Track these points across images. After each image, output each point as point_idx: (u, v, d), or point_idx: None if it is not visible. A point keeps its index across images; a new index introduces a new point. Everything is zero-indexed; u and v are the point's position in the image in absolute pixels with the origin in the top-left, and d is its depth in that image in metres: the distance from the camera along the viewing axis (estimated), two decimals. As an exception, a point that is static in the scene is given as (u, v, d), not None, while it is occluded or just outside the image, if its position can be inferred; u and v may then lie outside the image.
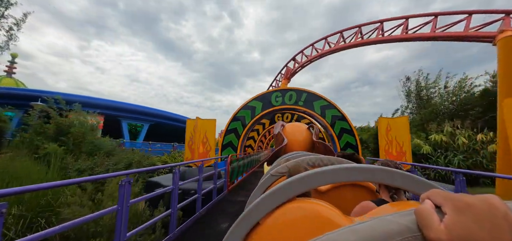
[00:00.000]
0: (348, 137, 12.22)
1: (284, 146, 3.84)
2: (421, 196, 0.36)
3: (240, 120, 13.05)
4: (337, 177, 0.74)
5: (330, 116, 12.49)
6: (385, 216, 0.35)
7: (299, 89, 12.88)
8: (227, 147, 12.82)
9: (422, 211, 0.31)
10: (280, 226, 0.71)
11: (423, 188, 0.68)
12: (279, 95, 13.04)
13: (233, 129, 13.00)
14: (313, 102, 12.50)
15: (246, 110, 13.15)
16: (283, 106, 12.92)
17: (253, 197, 1.18)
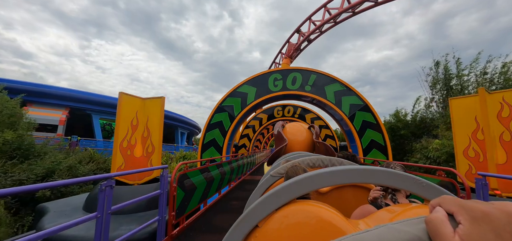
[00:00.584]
0: (373, 134, 8.93)
1: (284, 146, 3.59)
2: (431, 202, 0.33)
3: (227, 112, 9.74)
4: (339, 179, 0.71)
5: (347, 105, 9.20)
6: (393, 224, 0.33)
7: (305, 69, 9.61)
8: (209, 147, 9.55)
9: (434, 220, 0.29)
10: (280, 229, 0.69)
11: (430, 192, 0.65)
12: (278, 77, 9.73)
13: (218, 123, 9.70)
14: (325, 86, 9.37)
15: (234, 97, 9.84)
16: (284, 91, 9.60)
17: (253, 198, 1.17)
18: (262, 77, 9.89)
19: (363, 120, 9.11)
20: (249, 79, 9.93)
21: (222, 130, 9.69)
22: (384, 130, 8.99)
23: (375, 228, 0.34)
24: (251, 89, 9.83)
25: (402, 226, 0.32)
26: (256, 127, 17.21)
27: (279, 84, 9.71)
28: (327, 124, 15.68)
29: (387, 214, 0.72)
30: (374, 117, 9.08)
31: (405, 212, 0.65)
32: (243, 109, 9.72)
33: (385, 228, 0.33)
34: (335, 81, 9.46)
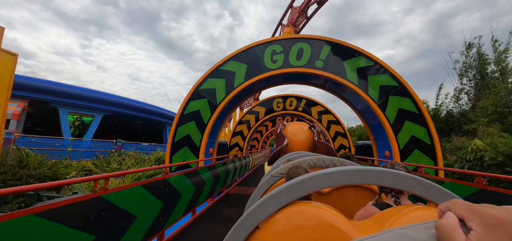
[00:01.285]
0: (414, 128, 6.19)
1: (285, 146, 3.54)
2: (440, 206, 0.31)
3: (206, 98, 6.98)
4: (342, 180, 0.70)
5: (376, 86, 6.45)
6: (400, 229, 0.32)
7: (316, 38, 6.95)
8: (182, 147, 6.93)
9: (445, 226, 0.28)
10: (281, 231, 0.67)
11: (433, 194, 0.64)
12: (278, 49, 6.97)
13: (193, 114, 6.98)
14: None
15: (216, 78, 7.07)
16: (285, 69, 6.84)
17: (253, 199, 1.14)
18: (255, 50, 7.12)
19: (400, 108, 6.35)
20: (237, 53, 7.16)
21: (200, 124, 6.94)
22: (431, 123, 6.23)
23: (382, 233, 0.33)
24: (239, 67, 7.07)
25: (411, 231, 0.31)
26: (252, 123, 14.39)
27: (278, 59, 6.94)
28: (337, 119, 12.88)
29: (391, 216, 0.68)
30: (415, 104, 6.31)
31: (410, 214, 0.62)
32: (229, 94, 6.96)
33: (392, 233, 0.32)
34: (359, 54, 6.68)
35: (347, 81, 6.57)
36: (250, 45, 7.17)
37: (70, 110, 16.08)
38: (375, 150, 7.42)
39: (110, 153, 11.70)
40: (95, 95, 16.89)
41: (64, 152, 11.10)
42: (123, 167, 9.66)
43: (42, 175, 7.48)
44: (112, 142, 13.58)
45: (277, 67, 6.90)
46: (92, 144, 14.98)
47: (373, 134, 7.40)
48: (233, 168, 7.64)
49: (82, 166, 9.20)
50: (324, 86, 7.74)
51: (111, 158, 10.60)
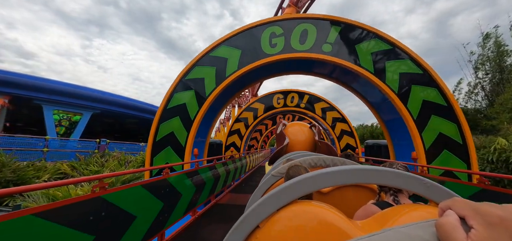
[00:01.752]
0: (442, 124, 5.07)
1: (286, 146, 3.55)
2: (441, 205, 0.31)
3: (193, 89, 5.90)
4: (342, 179, 0.70)
5: (395, 74, 5.34)
6: (401, 228, 0.32)
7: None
8: (165, 147, 5.83)
9: (445, 224, 0.27)
10: (282, 230, 0.66)
11: (434, 193, 0.63)
12: (278, 31, 5.89)
13: (178, 108, 5.89)
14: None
15: (205, 66, 5.99)
16: (286, 54, 5.75)
17: (254, 198, 1.13)
18: (251, 33, 6.05)
19: (424, 100, 5.27)
20: (229, 36, 6.09)
21: (186, 120, 5.88)
22: (462, 118, 5.14)
23: (382, 232, 0.33)
24: (233, 52, 6.00)
25: (411, 229, 0.31)
26: (250, 121, 13.30)
27: (278, 43, 5.86)
28: (343, 117, 11.77)
29: (392, 215, 0.67)
30: (443, 96, 5.24)
31: (411, 213, 0.62)
32: (220, 84, 5.89)
33: (393, 231, 0.32)
34: (375, 36, 5.60)
35: (360, 68, 5.49)
36: (245, 26, 6.10)
37: (56, 107, 15.03)
38: (392, 150, 6.34)
39: (92, 154, 10.65)
40: (83, 92, 15.84)
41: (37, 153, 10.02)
42: (104, 170, 8.59)
43: (3, 180, 6.43)
44: (95, 142, 12.51)
45: (276, 52, 5.83)
46: (79, 144, 13.95)
47: (389, 131, 6.33)
48: (225, 172, 6.56)
49: (57, 169, 8.15)
50: (331, 76, 6.67)
51: (93, 160, 9.53)
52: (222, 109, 7.34)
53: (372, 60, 5.51)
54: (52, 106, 14.77)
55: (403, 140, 5.76)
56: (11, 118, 14.54)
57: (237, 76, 5.88)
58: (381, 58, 5.50)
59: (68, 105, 15.36)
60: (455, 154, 5.10)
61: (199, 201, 4.84)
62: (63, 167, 8.21)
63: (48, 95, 14.42)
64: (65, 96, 15.07)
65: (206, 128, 6.91)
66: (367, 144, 8.75)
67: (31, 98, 13.93)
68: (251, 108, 13.35)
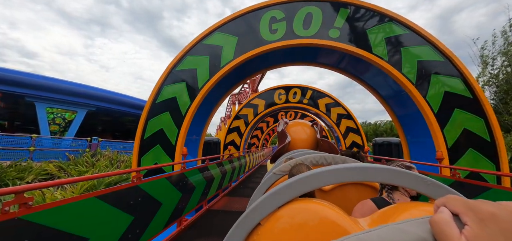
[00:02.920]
0: (467, 119, 4.38)
1: (287, 144, 3.53)
2: (436, 202, 0.31)
3: (185, 81, 5.27)
4: (342, 177, 0.69)
5: (413, 62, 4.66)
6: (395, 225, 0.33)
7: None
8: (153, 146, 5.22)
9: (439, 221, 0.28)
10: (283, 227, 0.67)
11: (435, 191, 0.62)
12: (280, 15, 5.23)
13: (168, 102, 5.27)
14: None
15: (198, 55, 5.36)
16: (289, 40, 5.09)
17: (255, 196, 1.13)
18: (249, 18, 5.40)
19: (446, 92, 4.61)
20: (225, 22, 5.45)
21: (176, 115, 5.27)
22: (491, 112, 4.48)
23: (378, 228, 0.34)
24: (228, 39, 5.36)
25: (406, 226, 0.32)
26: (250, 118, 12.66)
27: (279, 28, 5.22)
28: (349, 113, 11.07)
29: (391, 213, 0.67)
30: (468, 86, 4.57)
31: (410, 211, 0.62)
32: (214, 75, 5.27)
33: (388, 228, 0.33)
34: (390, 19, 4.94)
35: (373, 55, 4.83)
36: (242, 10, 5.46)
37: (49, 104, 14.50)
38: (406, 148, 5.69)
39: (83, 153, 10.08)
40: (77, 89, 15.27)
41: (23, 152, 9.48)
42: (94, 169, 8.04)
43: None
44: (86, 140, 11.96)
45: (277, 38, 5.18)
46: (73, 143, 13.43)
47: (403, 127, 5.67)
48: (221, 173, 5.94)
49: (43, 169, 7.59)
50: (339, 67, 6.02)
51: (83, 159, 8.97)
52: (218, 104, 6.72)
53: (386, 46, 4.85)
54: (45, 103, 14.25)
55: (421, 137, 5.11)
56: (8, 117, 14.01)
57: (234, 66, 5.25)
58: (396, 44, 4.84)
59: (62, 102, 14.83)
60: (482, 153, 4.44)
61: (187, 208, 4.23)
62: (49, 168, 7.65)
63: (41, 92, 13.87)
64: (59, 93, 14.54)
65: (200, 125, 6.31)
66: (376, 142, 8.10)
67: (22, 95, 13.40)
68: (251, 104, 12.71)
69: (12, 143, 9.39)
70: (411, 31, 4.85)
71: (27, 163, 7.88)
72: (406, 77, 4.69)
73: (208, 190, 5.16)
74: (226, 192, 6.98)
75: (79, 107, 15.61)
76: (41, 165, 7.84)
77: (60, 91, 14.51)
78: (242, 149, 12.34)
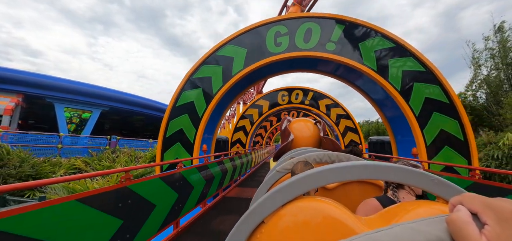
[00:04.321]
0: (444, 121, 5.21)
1: (290, 142, 3.46)
2: (451, 200, 0.30)
3: (201, 87, 6.13)
4: (348, 175, 0.69)
5: (398, 72, 5.46)
6: (410, 223, 0.31)
7: (327, 16, 5.93)
8: (174, 143, 6.12)
9: (457, 220, 0.27)
10: (287, 225, 0.66)
11: (442, 189, 0.61)
12: (283, 30, 6.05)
13: (187, 106, 6.15)
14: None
15: (212, 65, 6.21)
16: (291, 53, 5.92)
17: (259, 194, 1.13)
18: (257, 32, 6.22)
19: (427, 97, 5.38)
20: (235, 36, 6.27)
21: (194, 117, 6.13)
22: (464, 115, 5.24)
23: (391, 227, 0.32)
24: (238, 51, 6.19)
25: (421, 225, 0.30)
26: (255, 118, 13.51)
27: (283, 42, 6.02)
28: (348, 113, 11.87)
29: (397, 212, 0.66)
30: (445, 93, 5.33)
31: (417, 210, 0.62)
32: (227, 83, 6.10)
33: (402, 227, 0.32)
34: (378, 34, 5.71)
35: (363, 66, 5.62)
36: (250, 26, 6.27)
37: (67, 105, 15.53)
38: (395, 147, 6.47)
39: (104, 150, 11.06)
40: (93, 90, 16.29)
41: (52, 149, 10.48)
42: (116, 165, 8.99)
43: (23, 174, 6.83)
44: (106, 139, 12.95)
45: (281, 51, 5.99)
46: (90, 141, 14.43)
47: (392, 128, 6.45)
48: (232, 167, 6.81)
49: (72, 164, 8.54)
50: (335, 74, 6.80)
51: (104, 156, 9.93)
52: (229, 106, 7.57)
53: (375, 58, 5.63)
54: (63, 104, 15.27)
55: (406, 136, 5.89)
56: (23, 116, 15.08)
57: (243, 75, 6.08)
58: (384, 56, 5.61)
59: (79, 103, 15.85)
60: (456, 150, 5.21)
61: (209, 194, 5.10)
62: (77, 163, 8.61)
63: (60, 93, 14.89)
64: (76, 94, 15.55)
65: (213, 124, 7.16)
66: (371, 140, 8.87)
67: (43, 96, 14.43)
68: (256, 105, 13.55)
69: (40, 141, 10.38)
70: (397, 44, 5.62)
71: (57, 159, 8.84)
72: (391, 85, 5.47)
73: (223, 180, 6.04)
74: (237, 184, 7.86)
75: (94, 107, 16.63)
76: (69, 161, 8.80)
77: (77, 92, 15.52)
78: (248, 146, 13.22)
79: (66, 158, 9.40)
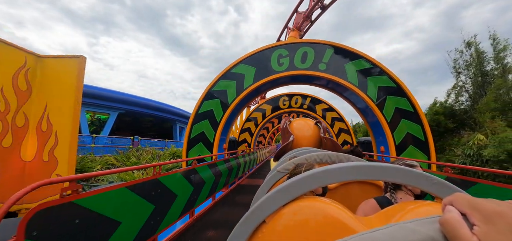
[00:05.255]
0: (409, 126, 6.81)
1: (291, 142, 3.52)
2: (444, 201, 0.32)
3: (218, 98, 7.71)
4: (348, 175, 0.71)
5: (375, 87, 7.06)
6: (405, 223, 0.32)
7: (319, 42, 7.55)
8: (197, 143, 7.72)
9: (449, 220, 0.28)
10: (287, 225, 0.67)
11: (440, 189, 0.64)
12: (284, 53, 7.62)
13: (207, 113, 7.73)
14: (345, 64, 7.64)
15: (228, 80, 7.78)
16: (291, 71, 7.50)
17: (260, 194, 1.14)
18: (263, 54, 7.76)
19: (396, 107, 6.90)
20: (246, 57, 7.82)
21: (213, 122, 7.67)
22: (425, 121, 6.76)
23: (387, 227, 0.33)
24: (249, 69, 7.73)
25: (415, 225, 0.31)
26: (259, 120, 15.10)
27: (284, 62, 7.56)
28: (341, 117, 13.44)
29: (396, 212, 0.67)
30: (411, 104, 6.85)
31: (416, 210, 0.62)
32: (239, 95, 7.64)
33: (397, 227, 0.33)
34: (359, 57, 7.23)
35: (348, 82, 7.15)
36: (258, 49, 7.82)
37: (88, 108, 17.12)
38: (374, 146, 8.00)
39: (129, 149, 12.62)
40: (111, 94, 17.89)
41: (86, 148, 12.07)
42: (142, 161, 10.53)
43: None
44: (130, 139, 14.52)
45: (283, 69, 7.54)
46: (109, 141, 16.00)
47: (372, 131, 7.97)
48: (244, 162, 8.37)
49: (105, 160, 10.11)
50: (327, 86, 8.33)
51: (130, 154, 11.50)
52: (239, 113, 9.12)
53: (357, 76, 7.16)
54: (85, 107, 16.86)
55: (382, 138, 7.42)
56: None
57: (253, 88, 7.63)
58: (364, 74, 7.14)
59: (98, 106, 17.44)
60: (419, 148, 6.73)
61: (230, 181, 6.66)
62: (110, 159, 10.16)
63: (83, 98, 16.45)
64: (96, 98, 17.13)
65: (227, 128, 8.70)
66: (359, 140, 10.39)
67: (68, 101, 16.02)
68: (260, 109, 15.14)
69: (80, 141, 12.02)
70: (374, 65, 7.14)
71: (92, 156, 10.42)
72: (369, 97, 6.99)
73: (238, 171, 7.60)
74: (247, 176, 9.43)
75: (111, 110, 18.23)
76: (102, 158, 10.37)
77: (97, 97, 17.11)
78: (253, 146, 14.79)
79: (98, 155, 10.96)
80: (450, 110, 14.81)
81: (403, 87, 6.95)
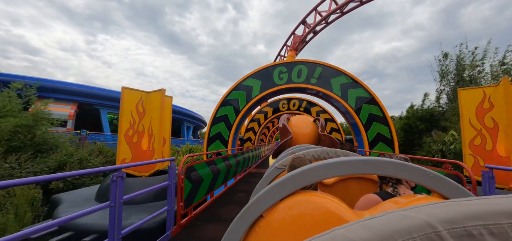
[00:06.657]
0: (379, 127, 8.84)
1: (290, 139, 3.57)
2: None
3: (232, 105, 9.77)
4: (345, 170, 0.71)
5: (353, 97, 9.09)
6: (399, 211, 0.32)
7: (311, 62, 9.51)
8: (215, 141, 9.66)
9: None
10: (284, 219, 0.68)
11: (437, 183, 0.65)
12: (284, 70, 9.65)
13: (223, 117, 9.76)
14: (331, 79, 9.30)
15: (239, 90, 9.84)
16: (289, 84, 9.54)
17: (258, 189, 1.16)
18: (267, 70, 9.83)
19: (370, 113, 8.99)
20: (253, 73, 9.89)
21: (227, 124, 9.74)
22: (391, 123, 8.86)
23: (383, 214, 0.33)
24: (256, 82, 9.80)
25: (411, 212, 0.32)
26: (262, 121, 17.22)
27: (284, 77, 9.64)
28: (332, 117, 15.54)
29: (393, 205, 0.72)
30: (380, 110, 8.94)
31: (413, 203, 0.63)
32: (248, 103, 9.72)
33: (392, 214, 0.33)
34: (341, 74, 9.32)
35: (333, 93, 9.23)
36: (263, 66, 9.90)
37: (109, 110, 19.21)
38: (355, 143, 10.10)
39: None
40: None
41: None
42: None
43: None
44: (179, 139, 16.76)
45: (283, 83, 9.61)
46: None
47: (353, 130, 10.07)
48: (252, 155, 10.48)
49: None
50: (317, 95, 10.41)
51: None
52: (247, 117, 11.21)
53: (340, 88, 9.23)
54: (106, 109, 18.94)
55: (359, 136, 9.51)
56: (77, 120, 18.74)
57: (259, 97, 9.70)
58: (345, 87, 9.22)
59: (117, 108, 19.50)
60: (386, 144, 8.83)
61: (238, 171, 8.76)
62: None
63: (104, 101, 18.57)
64: (115, 101, 19.20)
65: (238, 128, 10.79)
66: (346, 138, 12.50)
67: (92, 104, 18.10)
68: (262, 111, 17.26)
69: (108, 139, 14.07)
70: (353, 80, 9.21)
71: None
72: (349, 106, 9.07)
73: (248, 163, 9.71)
74: (254, 166, 11.55)
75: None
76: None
77: (117, 100, 19.17)
78: (256, 143, 16.91)
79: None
80: (429, 113, 16.92)
81: (375, 97, 9.03)
